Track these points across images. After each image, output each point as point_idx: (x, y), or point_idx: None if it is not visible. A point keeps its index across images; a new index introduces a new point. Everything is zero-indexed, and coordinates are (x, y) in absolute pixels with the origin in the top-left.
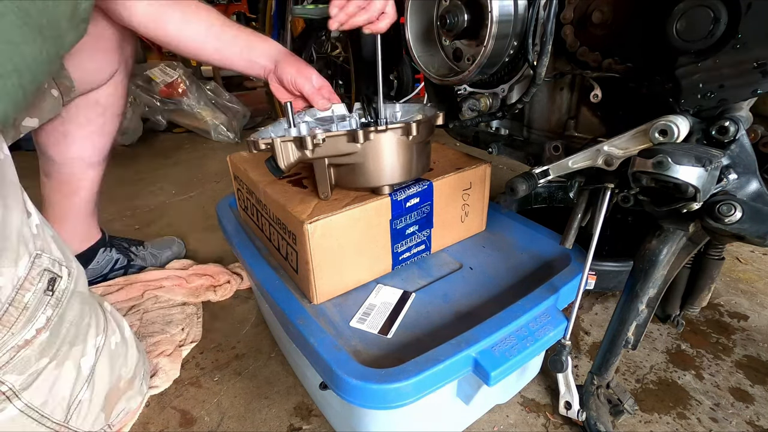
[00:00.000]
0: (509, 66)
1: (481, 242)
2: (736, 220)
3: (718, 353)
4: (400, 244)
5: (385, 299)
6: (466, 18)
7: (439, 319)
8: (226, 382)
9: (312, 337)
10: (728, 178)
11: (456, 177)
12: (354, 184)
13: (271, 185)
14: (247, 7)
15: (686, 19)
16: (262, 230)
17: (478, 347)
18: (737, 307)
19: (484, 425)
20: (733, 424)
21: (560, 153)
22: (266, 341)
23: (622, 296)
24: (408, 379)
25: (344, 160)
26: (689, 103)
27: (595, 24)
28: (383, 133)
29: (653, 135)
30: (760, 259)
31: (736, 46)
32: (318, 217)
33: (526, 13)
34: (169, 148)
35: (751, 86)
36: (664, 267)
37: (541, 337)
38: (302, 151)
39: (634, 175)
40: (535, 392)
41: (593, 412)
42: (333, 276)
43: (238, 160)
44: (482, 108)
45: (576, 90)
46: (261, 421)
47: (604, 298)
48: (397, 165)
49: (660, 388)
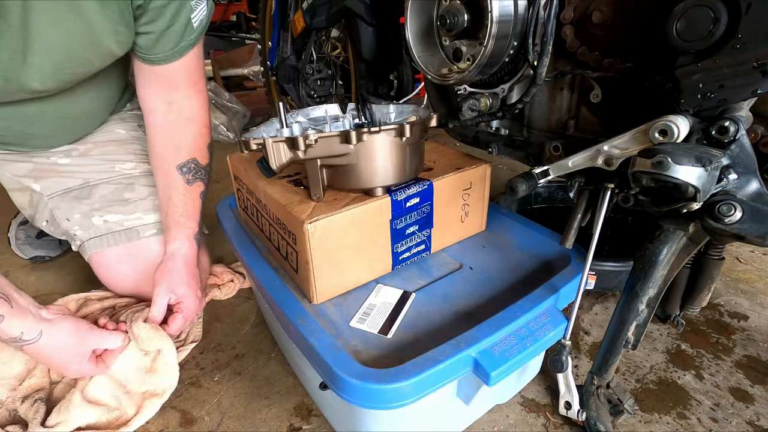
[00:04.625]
0: (509, 66)
1: (481, 242)
2: (736, 220)
3: (718, 353)
4: (400, 244)
5: (385, 299)
6: (466, 18)
7: (439, 319)
8: (226, 382)
9: (312, 337)
10: (728, 178)
11: (456, 177)
12: (347, 186)
13: (271, 185)
14: (247, 7)
15: (686, 19)
16: (262, 230)
17: (478, 347)
18: (737, 307)
19: (484, 425)
20: (733, 424)
21: (560, 153)
22: (266, 341)
23: (622, 296)
24: (408, 379)
25: (337, 161)
26: (689, 103)
27: (595, 24)
28: (376, 135)
29: (653, 135)
30: (760, 259)
31: (736, 46)
32: (318, 217)
33: (526, 13)
34: None
35: (751, 86)
36: (664, 267)
37: (541, 337)
38: (294, 151)
39: (634, 175)
40: (535, 392)
41: (593, 412)
42: (333, 276)
43: (238, 160)
44: (482, 108)
45: (576, 90)
46: (261, 421)
47: (604, 298)
48: (390, 166)
49: (660, 388)
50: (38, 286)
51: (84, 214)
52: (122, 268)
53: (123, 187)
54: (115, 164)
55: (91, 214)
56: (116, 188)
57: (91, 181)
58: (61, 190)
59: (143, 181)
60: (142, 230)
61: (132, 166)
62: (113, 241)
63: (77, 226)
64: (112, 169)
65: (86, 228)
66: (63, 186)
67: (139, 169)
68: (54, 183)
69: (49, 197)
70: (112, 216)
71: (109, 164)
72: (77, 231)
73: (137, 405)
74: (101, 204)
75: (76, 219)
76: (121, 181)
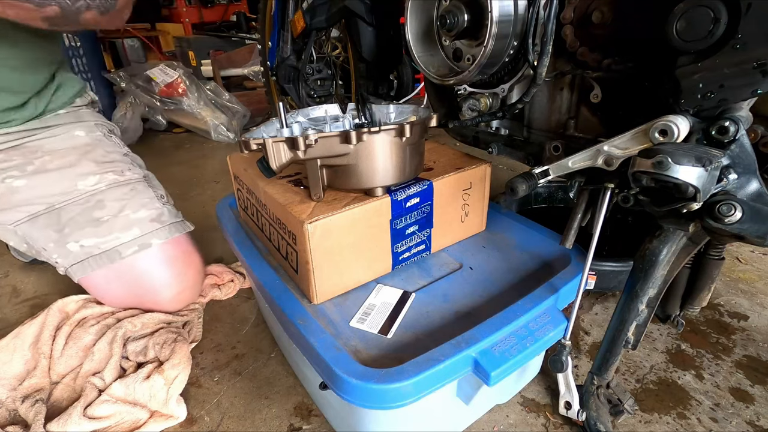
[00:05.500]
0: (509, 66)
1: (481, 242)
2: (736, 220)
3: (718, 353)
4: (400, 244)
5: (385, 299)
6: (466, 18)
7: (439, 319)
8: (226, 382)
9: (312, 337)
10: (728, 178)
11: (456, 177)
12: (346, 186)
13: (271, 185)
14: (247, 7)
15: (686, 19)
16: (262, 230)
17: (478, 347)
18: (737, 307)
19: (484, 425)
20: (733, 424)
21: (560, 153)
22: (266, 341)
23: (622, 296)
24: (408, 379)
25: (337, 161)
26: (689, 103)
27: (595, 24)
28: (376, 135)
29: (653, 135)
30: (760, 259)
31: (736, 46)
32: (318, 217)
33: (526, 13)
34: (169, 148)
35: (751, 86)
36: (664, 267)
37: (541, 337)
38: (294, 151)
39: (634, 175)
40: (535, 392)
41: (593, 412)
42: (333, 276)
43: (238, 160)
44: (482, 108)
45: (576, 90)
46: (261, 421)
47: (604, 298)
48: (390, 166)
49: (660, 388)
50: (38, 287)
51: (57, 241)
52: (113, 287)
53: (91, 206)
54: (77, 181)
55: (65, 241)
56: (84, 209)
57: (56, 204)
58: (25, 218)
59: (112, 195)
60: (123, 250)
61: (95, 181)
62: (95, 264)
63: (55, 255)
64: (74, 188)
65: (65, 256)
66: (26, 213)
67: (104, 182)
68: (14, 214)
69: (15, 225)
70: (88, 240)
71: (70, 181)
72: (57, 259)
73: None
74: (72, 228)
75: (52, 248)
76: (87, 200)
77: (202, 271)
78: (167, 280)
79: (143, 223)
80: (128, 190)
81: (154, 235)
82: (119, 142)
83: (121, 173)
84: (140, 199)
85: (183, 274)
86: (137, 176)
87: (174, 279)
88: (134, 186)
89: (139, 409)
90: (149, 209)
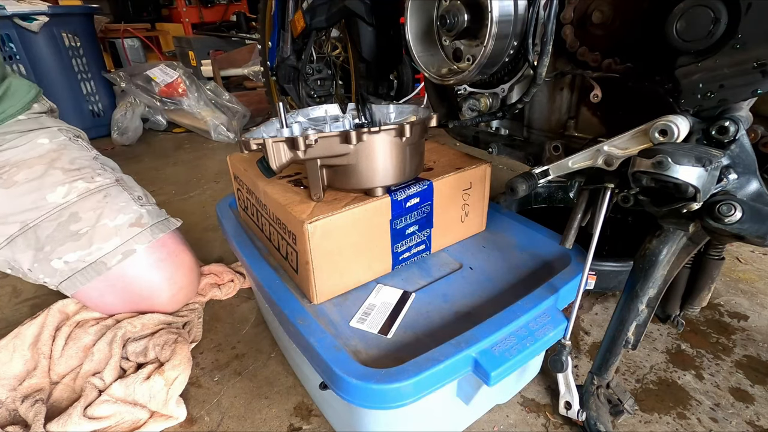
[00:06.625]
0: (509, 66)
1: (481, 242)
2: (736, 220)
3: (718, 353)
4: (400, 244)
5: (385, 299)
6: (466, 18)
7: (439, 319)
8: (226, 382)
9: (312, 337)
10: (728, 178)
11: (456, 177)
12: (347, 186)
13: (271, 185)
14: (247, 7)
15: (686, 19)
16: (262, 230)
17: (478, 347)
18: (737, 307)
19: (484, 425)
20: (733, 424)
21: (560, 153)
22: (266, 341)
23: (622, 296)
24: (408, 379)
25: (337, 161)
26: (689, 103)
27: (595, 24)
28: (376, 135)
29: (653, 135)
30: (760, 259)
31: (736, 46)
32: (318, 217)
33: (526, 13)
34: (169, 148)
35: (751, 86)
36: (664, 267)
37: (541, 337)
38: (294, 151)
39: (634, 175)
40: (535, 392)
41: (593, 412)
42: (333, 276)
43: (238, 160)
44: (482, 108)
45: (576, 90)
46: (261, 421)
47: (604, 298)
48: (390, 166)
49: (660, 388)
50: (38, 287)
51: (41, 261)
52: (107, 298)
53: (65, 220)
54: (46, 194)
55: (48, 259)
56: (58, 224)
57: (29, 223)
58: (3, 242)
59: (85, 205)
60: (107, 260)
61: (65, 192)
62: (84, 278)
63: (41, 275)
64: (44, 202)
65: (51, 275)
66: (2, 236)
67: (74, 192)
68: None
69: None
70: (70, 255)
71: (39, 194)
72: (45, 279)
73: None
74: (52, 246)
75: (37, 268)
76: (60, 214)
77: (194, 269)
78: (159, 284)
79: (123, 229)
80: (101, 197)
81: (136, 241)
82: (87, 146)
83: (91, 179)
84: (116, 204)
85: (174, 275)
86: (109, 180)
87: (165, 282)
88: (107, 191)
89: (139, 409)
90: (126, 213)
